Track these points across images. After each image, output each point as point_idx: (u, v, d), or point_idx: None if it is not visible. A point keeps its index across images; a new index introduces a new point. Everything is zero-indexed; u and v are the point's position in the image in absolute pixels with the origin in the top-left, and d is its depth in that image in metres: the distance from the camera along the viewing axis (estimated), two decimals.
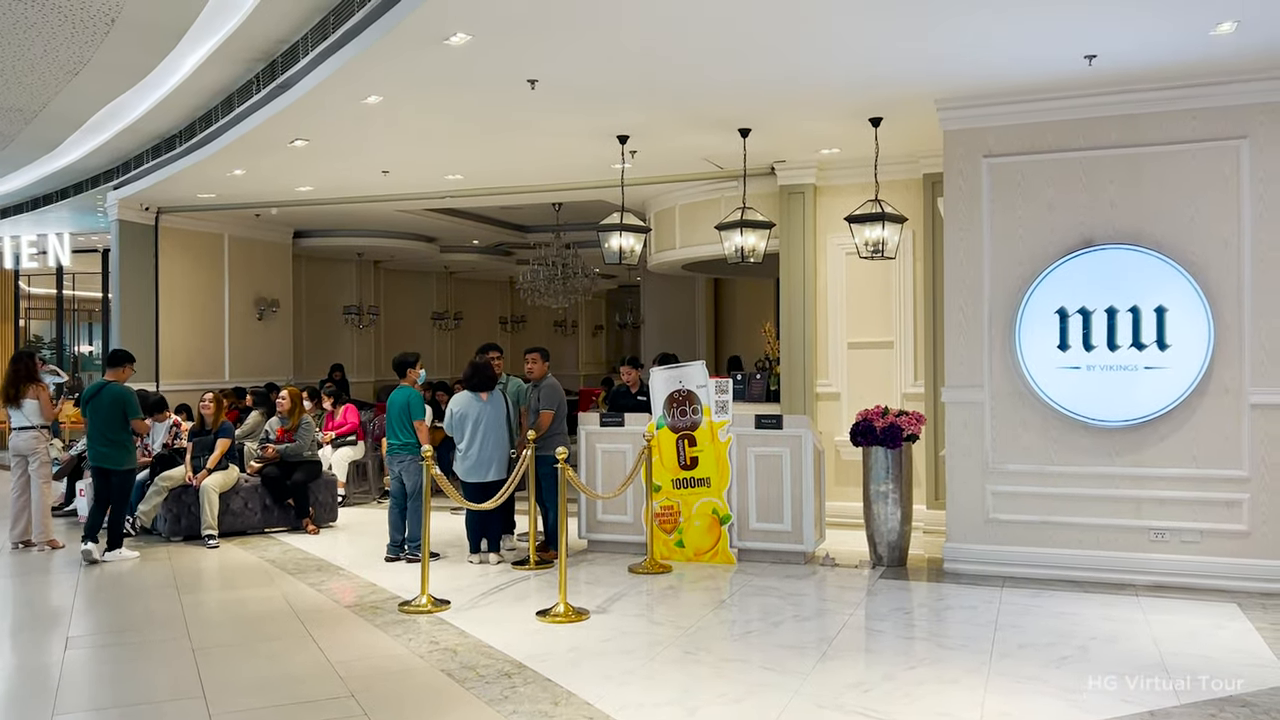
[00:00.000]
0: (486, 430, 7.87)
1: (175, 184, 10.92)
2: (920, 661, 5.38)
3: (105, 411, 8.18)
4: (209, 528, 8.84)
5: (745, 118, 8.07)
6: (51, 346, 21.23)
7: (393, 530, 8.17)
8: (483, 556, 7.95)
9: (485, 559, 7.94)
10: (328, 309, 16.55)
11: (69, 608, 6.62)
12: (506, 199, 11.62)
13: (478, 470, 7.85)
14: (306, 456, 9.63)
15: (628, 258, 8.75)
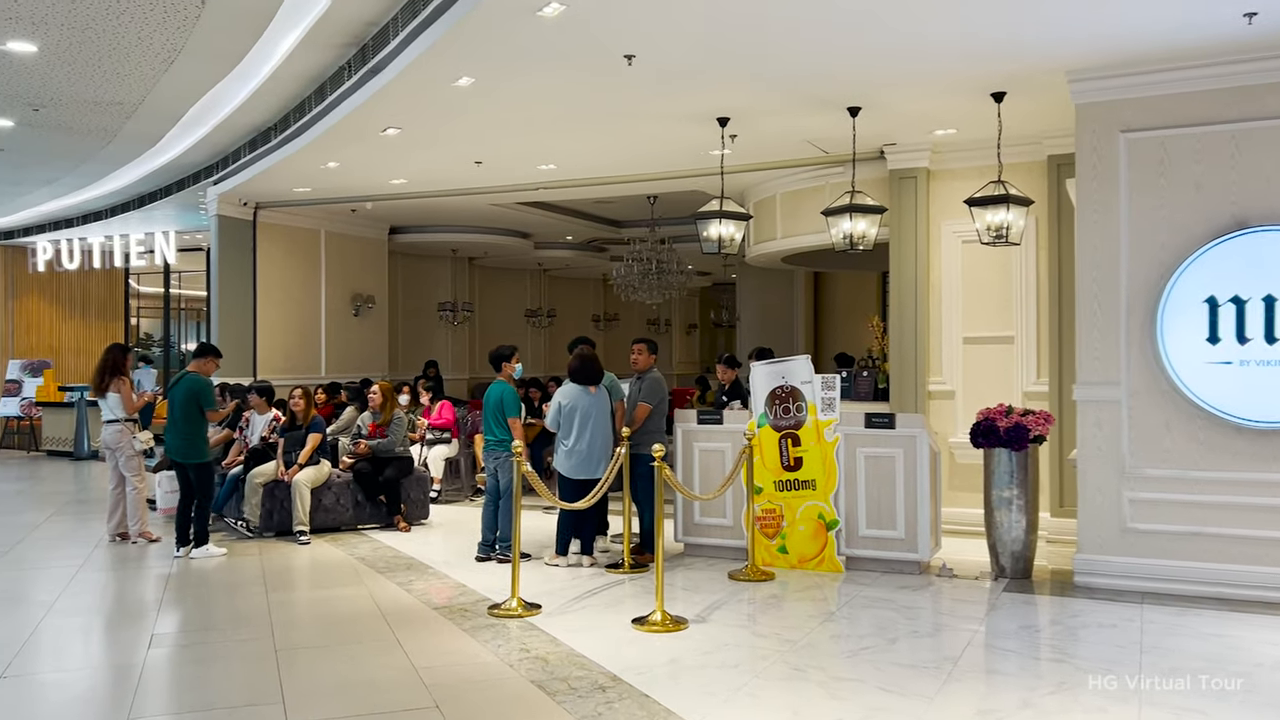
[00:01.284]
0: (596, 425, 7.54)
1: (271, 178, 10.89)
2: (1059, 687, 4.81)
3: (180, 402, 8.10)
4: (300, 524, 8.70)
5: (855, 95, 7.56)
6: (160, 344, 21.80)
7: (485, 529, 7.89)
8: (576, 558, 7.61)
9: (579, 561, 7.60)
10: (422, 306, 16.51)
11: (157, 604, 6.50)
12: (600, 190, 11.29)
13: (586, 467, 7.50)
14: (398, 452, 9.45)
15: (727, 247, 8.30)
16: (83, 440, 15.87)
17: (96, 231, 16.86)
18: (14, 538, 8.89)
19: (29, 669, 5.17)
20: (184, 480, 8.11)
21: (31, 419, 17.31)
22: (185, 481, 8.09)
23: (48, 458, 16.24)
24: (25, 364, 17.82)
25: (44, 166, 11.99)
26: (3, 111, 9.44)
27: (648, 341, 8.20)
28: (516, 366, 8.19)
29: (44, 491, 12.23)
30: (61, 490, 12.34)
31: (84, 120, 9.76)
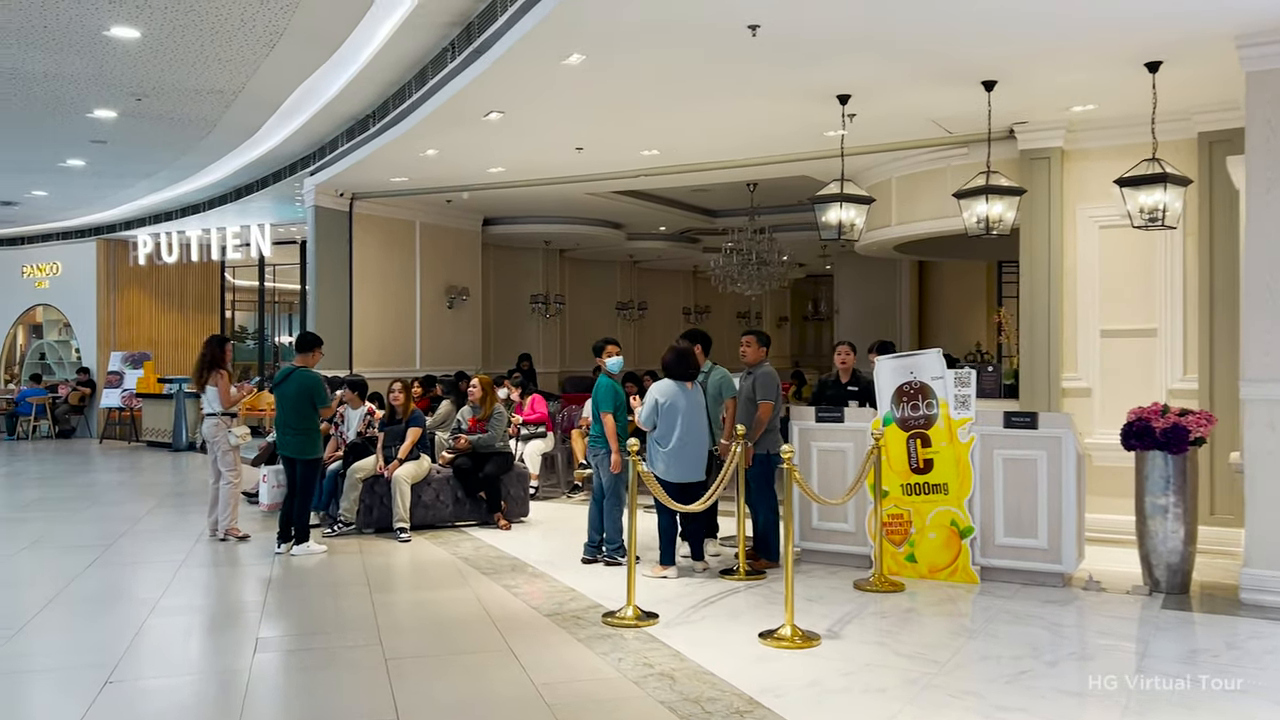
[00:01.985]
0: (695, 424, 7.10)
1: (368, 167, 10.70)
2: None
3: (292, 399, 7.90)
4: (401, 520, 8.47)
5: (993, 67, 6.98)
6: (254, 337, 22.04)
7: (591, 529, 7.53)
8: (688, 563, 7.21)
9: (690, 567, 7.19)
10: (514, 298, 16.28)
11: (260, 604, 6.28)
12: (702, 176, 10.84)
13: (687, 469, 7.03)
14: (499, 448, 9.16)
15: (848, 233, 7.79)
16: (181, 432, 16.03)
17: (194, 225, 17.02)
18: (117, 530, 8.84)
19: (135, 673, 4.95)
20: (290, 476, 7.92)
21: (132, 410, 17.59)
22: (291, 477, 7.89)
23: (147, 449, 16.46)
24: (126, 356, 18.11)
25: (144, 159, 12.02)
26: (106, 101, 9.39)
27: (758, 334, 7.75)
28: (608, 360, 7.81)
29: (144, 483, 12.30)
30: (160, 482, 12.39)
31: (184, 110, 9.67)
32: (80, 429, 18.71)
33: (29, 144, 11.16)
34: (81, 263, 18.72)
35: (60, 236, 18.93)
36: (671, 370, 7.18)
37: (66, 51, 7.88)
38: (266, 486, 8.72)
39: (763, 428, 7.19)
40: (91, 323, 18.69)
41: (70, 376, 19.18)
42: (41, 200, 15.34)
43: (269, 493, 8.67)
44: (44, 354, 20.27)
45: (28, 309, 19.94)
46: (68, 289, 19.01)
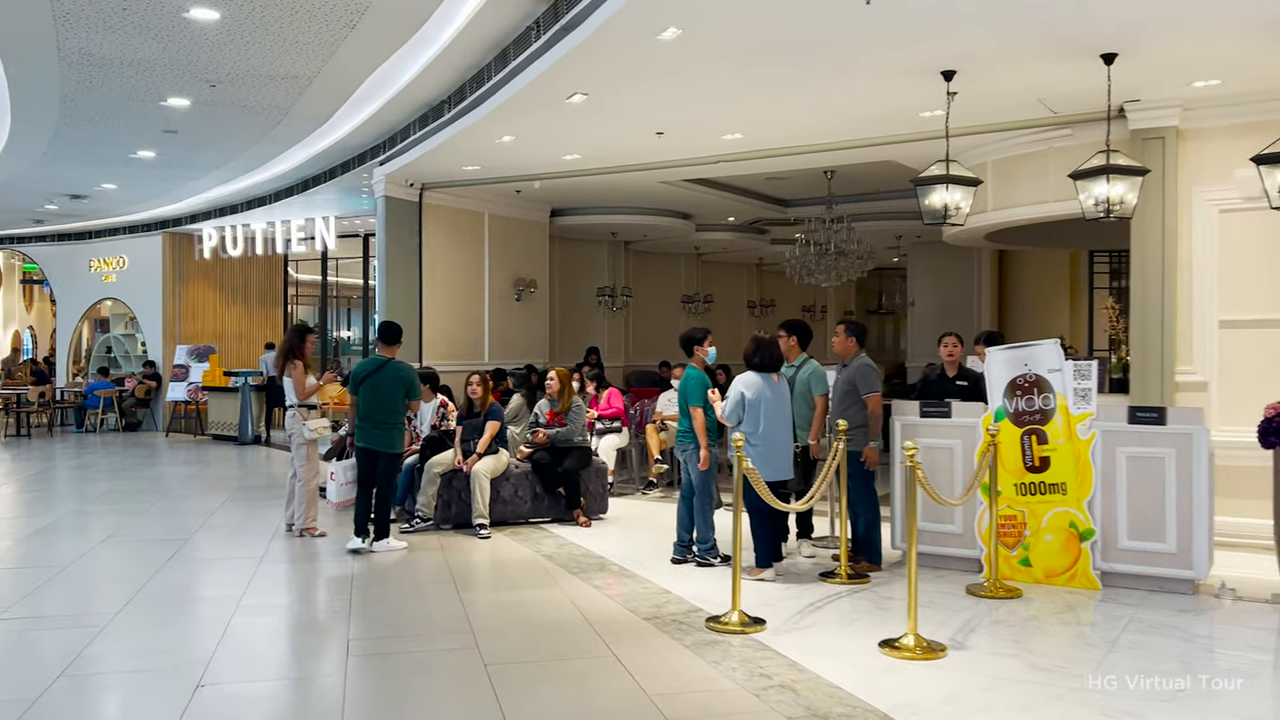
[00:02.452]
0: (782, 419, 6.74)
1: (441, 155, 10.46)
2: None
3: (386, 391, 7.66)
4: (480, 516, 8.22)
5: (1116, 38, 6.51)
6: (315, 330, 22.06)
7: (680, 528, 7.20)
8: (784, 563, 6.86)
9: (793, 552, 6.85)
10: (579, 291, 16.00)
11: (345, 603, 6.03)
12: (783, 162, 10.43)
13: (773, 465, 6.66)
14: (577, 442, 8.87)
15: (952, 215, 7.37)
16: (246, 425, 15.99)
17: (259, 218, 16.97)
18: (191, 524, 8.69)
19: (226, 676, 4.72)
20: (367, 470, 7.67)
21: (197, 403, 17.61)
22: (369, 472, 7.65)
23: (213, 442, 16.45)
24: (191, 349, 18.15)
25: (214, 149, 11.91)
26: (180, 89, 9.25)
27: (849, 324, 7.37)
28: (710, 350, 7.46)
29: (212, 476, 12.21)
30: (229, 475, 12.30)
31: (258, 97, 9.50)
32: (146, 422, 18.79)
33: (101, 135, 11.09)
34: (148, 256, 18.80)
35: (127, 230, 19.04)
36: (756, 362, 6.81)
37: (144, 35, 7.71)
38: (335, 484, 8.35)
39: (879, 422, 6.82)
40: (157, 316, 18.76)
41: (136, 370, 19.29)
42: (110, 194, 15.36)
43: (338, 490, 8.34)
44: (110, 347, 20.42)
45: (95, 302, 20.11)
46: (134, 283, 19.11)
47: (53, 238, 20.02)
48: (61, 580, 6.67)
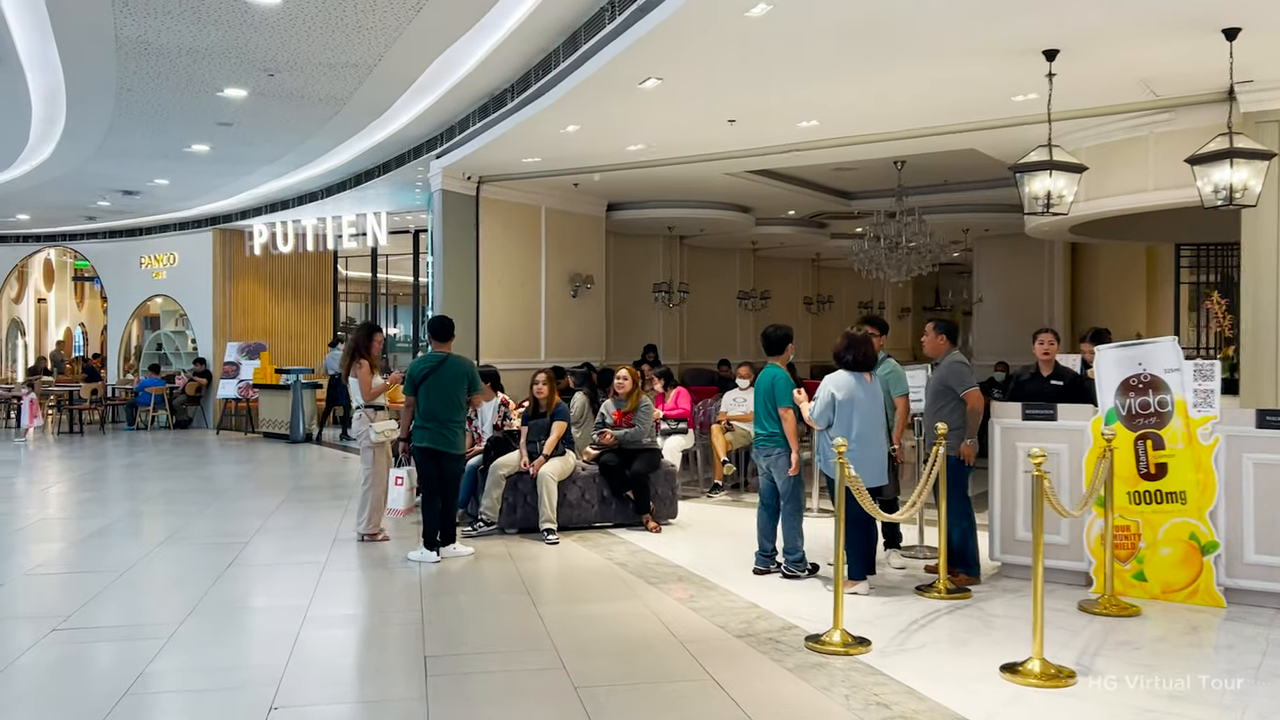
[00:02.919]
0: (874, 421, 6.31)
1: (501, 146, 10.14)
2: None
3: (449, 388, 7.33)
4: (548, 521, 7.88)
5: (1237, 11, 6.02)
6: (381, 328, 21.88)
7: (762, 537, 6.80)
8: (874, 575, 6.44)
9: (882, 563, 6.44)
10: (634, 287, 15.62)
11: (418, 616, 5.70)
12: (859, 150, 9.97)
13: (866, 471, 6.18)
14: (646, 444, 8.51)
15: (1055, 204, 6.90)
16: (298, 423, 15.82)
17: (309, 213, 16.80)
18: (248, 526, 8.44)
19: (300, 698, 4.40)
20: (432, 475, 7.34)
21: (248, 401, 17.48)
22: (434, 475, 7.32)
23: (264, 440, 16.30)
24: (242, 346, 18.03)
25: (269, 142, 11.68)
26: (237, 79, 9.00)
27: (940, 322, 6.93)
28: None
29: (266, 476, 12.00)
30: (283, 475, 12.09)
31: (316, 87, 9.22)
32: (196, 419, 18.72)
33: (156, 128, 10.89)
34: (198, 253, 18.71)
35: (178, 227, 18.97)
36: (848, 360, 6.37)
37: (204, 22, 7.45)
38: (401, 490, 7.81)
39: (979, 419, 6.40)
40: (208, 313, 18.68)
41: (186, 367, 19.23)
42: (162, 190, 15.24)
43: (404, 496, 7.79)
44: (161, 344, 20.40)
45: (145, 299, 20.08)
46: (185, 279, 19.04)
47: (104, 234, 20.03)
48: (120, 587, 6.42)
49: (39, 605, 6.07)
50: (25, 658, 4.93)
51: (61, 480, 11.57)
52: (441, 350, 7.57)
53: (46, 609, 5.91)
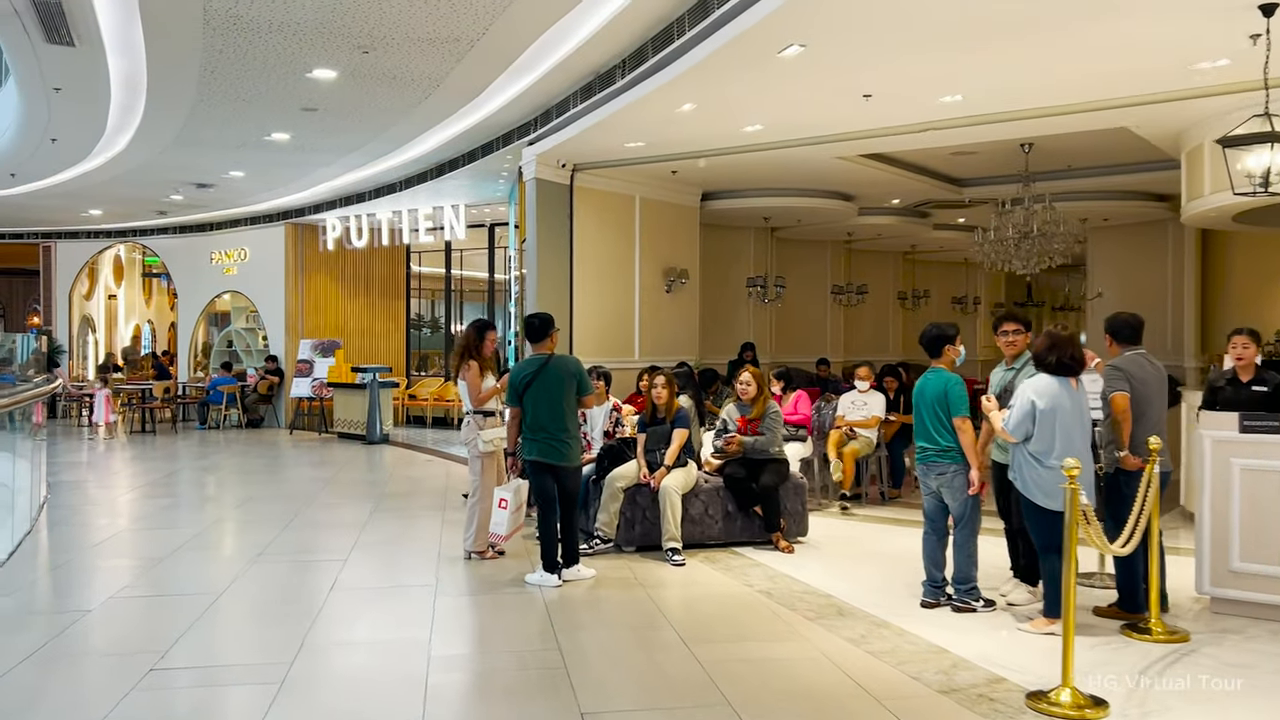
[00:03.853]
0: (1081, 433, 5.43)
1: (605, 130, 9.40)
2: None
3: (555, 392, 6.60)
4: (672, 539, 7.13)
5: None
6: (431, 326, 21.33)
7: (931, 565, 5.97)
8: None
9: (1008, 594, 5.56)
10: (723, 282, 14.79)
11: (558, 659, 4.96)
12: (1004, 128, 9.04)
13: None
14: (774, 454, 7.72)
15: (1275, 184, 5.98)
16: (375, 424, 15.27)
17: (384, 207, 16.26)
18: (343, 541, 7.80)
19: None
20: (547, 489, 6.61)
21: (322, 400, 17.01)
22: (549, 491, 6.59)
23: (338, 440, 15.79)
24: (316, 344, 17.56)
25: (353, 129, 11.08)
26: (329, 58, 8.37)
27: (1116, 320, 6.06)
28: (960, 350, 6.22)
29: (350, 481, 11.41)
30: (367, 480, 11.49)
31: (411, 66, 8.57)
32: (268, 418, 18.30)
33: (237, 114, 10.34)
34: (270, 248, 18.30)
35: (249, 221, 18.57)
36: (1049, 362, 5.50)
37: None
38: (505, 513, 6.81)
39: (1128, 427, 5.55)
40: (279, 309, 18.25)
41: (258, 365, 18.83)
42: (237, 182, 14.77)
43: (507, 520, 6.81)
44: (231, 341, 20.05)
45: (216, 295, 19.71)
46: (255, 275, 18.64)
47: (174, 230, 19.71)
48: (215, 615, 5.79)
49: (129, 638, 5.45)
50: (125, 707, 4.28)
51: (137, 484, 11.07)
52: (542, 351, 6.85)
53: (138, 643, 5.29)
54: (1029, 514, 5.49)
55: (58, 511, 9.21)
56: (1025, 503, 5.45)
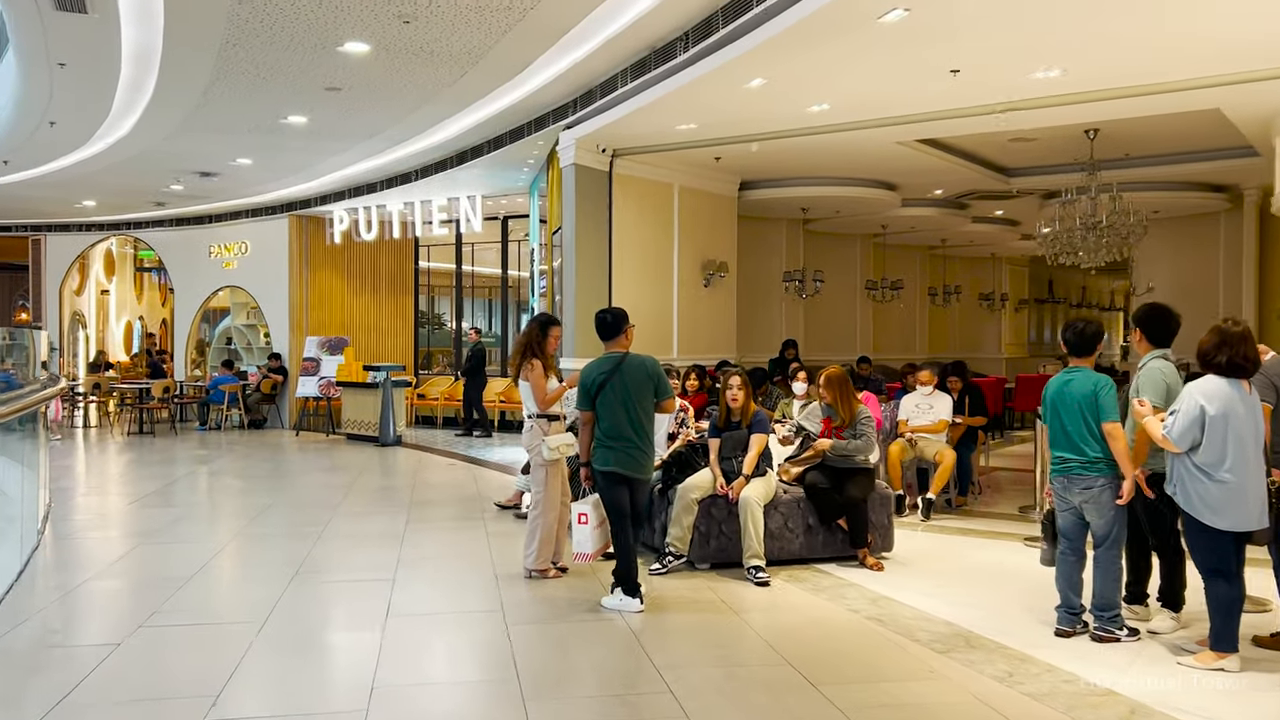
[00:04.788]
0: (1255, 444, 4.78)
1: (658, 111, 8.75)
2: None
3: (632, 395, 5.91)
4: (755, 556, 6.47)
5: None
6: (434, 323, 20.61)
7: (1068, 589, 5.32)
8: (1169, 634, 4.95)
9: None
10: (757, 276, 14.14)
11: (673, 708, 4.29)
12: (1104, 107, 8.40)
13: (1241, 510, 4.66)
14: (859, 463, 7.07)
15: None
16: (388, 425, 14.54)
17: (396, 198, 15.54)
18: (385, 558, 7.10)
19: None
20: (622, 503, 5.91)
21: (330, 399, 16.27)
22: (626, 505, 5.90)
23: (348, 442, 15.06)
24: (323, 341, 16.82)
25: (376, 111, 10.37)
26: (364, 29, 7.68)
27: None
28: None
29: (375, 488, 10.71)
30: (391, 485, 10.78)
31: (453, 39, 7.89)
32: (271, 419, 17.54)
33: (255, 93, 9.62)
34: (273, 241, 17.54)
35: (250, 213, 17.80)
36: (1218, 363, 4.81)
37: None
38: (587, 529, 6.07)
39: None
40: (282, 305, 17.49)
41: (260, 363, 18.07)
42: (243, 171, 14.03)
43: (592, 537, 6.06)
44: (231, 338, 19.26)
45: (215, 290, 18.90)
46: (257, 269, 17.88)
47: (171, 222, 18.92)
48: (267, 648, 5.09)
49: (172, 678, 4.74)
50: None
51: (143, 492, 10.32)
52: (615, 350, 6.17)
53: (183, 683, 4.58)
54: (1192, 534, 4.85)
55: (63, 524, 8.48)
56: (1189, 522, 4.81)
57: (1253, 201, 12.77)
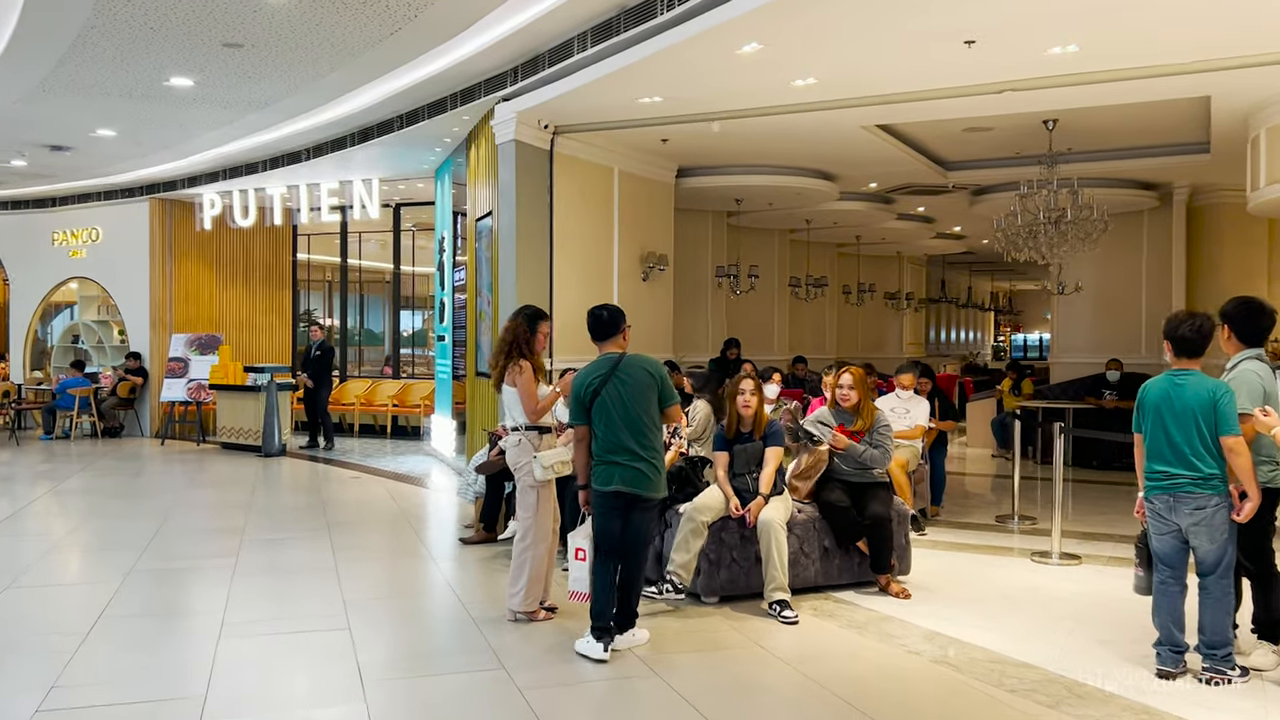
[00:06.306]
0: None
1: (623, 80, 7.75)
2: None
3: (633, 402, 4.98)
4: (780, 589, 5.61)
5: None
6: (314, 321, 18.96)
7: (1171, 624, 4.63)
8: None
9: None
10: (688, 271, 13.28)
11: None
12: (1123, 88, 7.82)
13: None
14: (877, 475, 6.30)
15: None
16: (273, 433, 12.99)
17: (278, 180, 13.96)
18: (327, 597, 5.88)
19: None
20: (613, 529, 4.95)
21: (200, 404, 14.54)
22: (617, 531, 4.96)
23: (224, 451, 13.42)
24: (192, 339, 15.06)
25: (279, 75, 8.99)
26: None
27: None
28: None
29: (273, 507, 9.33)
30: (293, 504, 9.42)
31: None
32: (129, 425, 15.60)
33: (138, 47, 8.13)
34: (130, 227, 15.60)
35: (105, 195, 15.79)
36: None
37: None
38: (586, 566, 5.11)
39: None
40: (142, 299, 15.56)
41: (115, 363, 16.07)
42: (102, 144, 12.24)
43: (581, 572, 5.14)
44: (78, 336, 17.12)
45: (58, 284, 16.71)
46: (111, 259, 15.86)
47: (7, 205, 16.64)
48: None
49: None
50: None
51: None
52: (610, 351, 5.21)
53: None
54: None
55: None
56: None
57: (1181, 200, 12.77)
